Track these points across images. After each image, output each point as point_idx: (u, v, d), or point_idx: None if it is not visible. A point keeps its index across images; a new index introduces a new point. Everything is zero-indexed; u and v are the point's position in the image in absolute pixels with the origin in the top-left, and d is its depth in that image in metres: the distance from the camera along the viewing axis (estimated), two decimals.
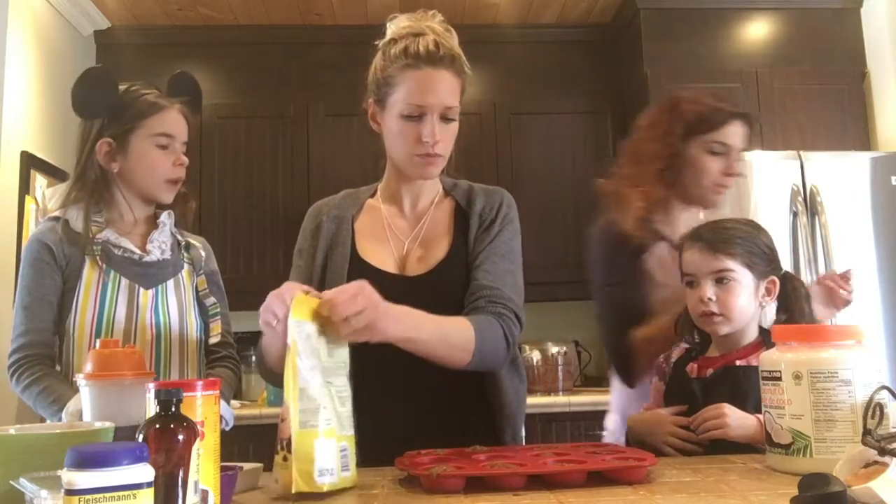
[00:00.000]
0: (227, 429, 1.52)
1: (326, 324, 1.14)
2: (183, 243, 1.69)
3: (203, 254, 1.70)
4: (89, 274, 1.55)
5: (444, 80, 1.39)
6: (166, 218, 1.67)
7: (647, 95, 3.44)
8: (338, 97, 3.72)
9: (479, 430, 1.42)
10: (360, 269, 1.45)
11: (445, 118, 1.41)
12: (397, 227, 1.51)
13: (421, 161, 1.42)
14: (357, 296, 1.15)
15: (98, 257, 1.56)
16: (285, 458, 1.07)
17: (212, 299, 1.67)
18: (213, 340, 1.68)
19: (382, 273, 1.45)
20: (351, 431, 1.15)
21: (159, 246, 1.63)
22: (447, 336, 1.32)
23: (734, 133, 1.73)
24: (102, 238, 1.58)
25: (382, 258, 1.48)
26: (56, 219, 1.60)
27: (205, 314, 1.67)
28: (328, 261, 1.49)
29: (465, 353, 1.33)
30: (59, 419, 1.42)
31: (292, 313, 1.11)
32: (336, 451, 1.10)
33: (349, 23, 3.82)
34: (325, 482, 1.07)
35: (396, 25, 1.46)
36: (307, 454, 1.06)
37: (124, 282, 1.56)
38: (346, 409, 1.15)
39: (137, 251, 1.60)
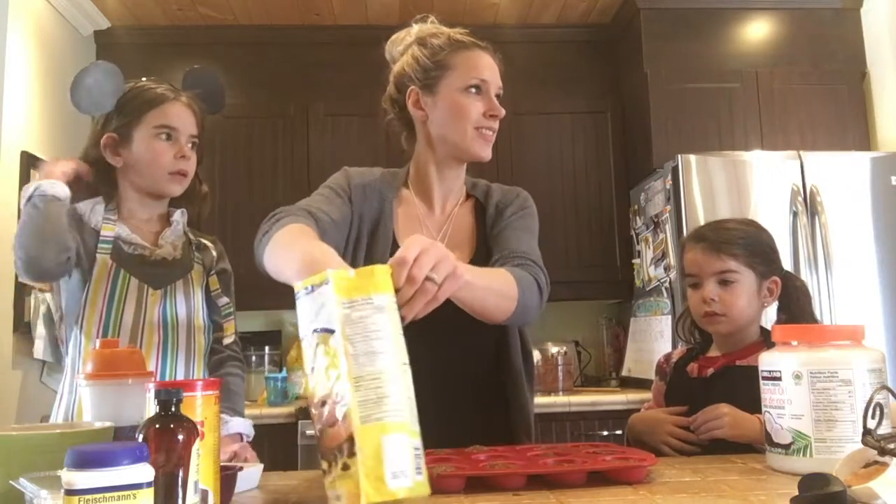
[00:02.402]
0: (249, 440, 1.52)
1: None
2: (195, 243, 1.68)
3: (214, 254, 1.69)
4: (100, 272, 1.54)
5: (495, 63, 1.50)
6: (179, 216, 1.66)
7: (647, 95, 3.44)
8: (338, 97, 3.72)
9: (498, 429, 1.44)
10: None
11: (497, 97, 1.48)
12: (429, 223, 1.53)
13: (484, 136, 1.46)
14: (426, 250, 1.05)
15: (109, 255, 1.55)
16: (346, 467, 0.87)
17: (224, 299, 1.66)
18: (227, 340, 1.68)
19: None
20: (418, 427, 0.92)
21: (172, 244, 1.62)
22: (493, 280, 1.30)
23: None
24: (114, 234, 1.57)
25: None
26: (71, 209, 1.57)
27: (217, 314, 1.66)
28: (371, 239, 1.47)
29: (510, 300, 1.30)
30: (42, 198, 1.42)
31: (337, 291, 0.91)
32: (409, 449, 0.89)
33: (349, 23, 3.82)
34: (400, 486, 0.87)
35: (420, 28, 1.55)
36: (375, 454, 0.86)
37: (133, 282, 1.55)
38: (413, 398, 0.93)
39: (149, 246, 1.59)
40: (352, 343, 0.90)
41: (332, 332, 0.91)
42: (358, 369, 0.89)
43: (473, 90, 1.46)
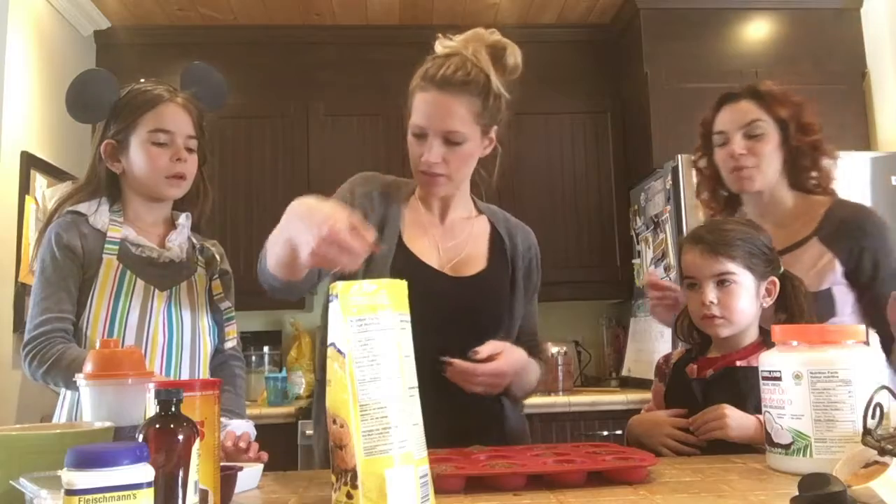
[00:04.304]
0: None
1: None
2: (198, 246, 1.68)
3: (218, 257, 1.69)
4: (105, 273, 1.53)
5: (448, 104, 1.41)
6: (184, 220, 1.66)
7: (647, 95, 3.44)
8: (338, 97, 3.72)
9: (494, 429, 1.50)
10: (405, 258, 1.47)
11: (450, 141, 1.43)
12: (434, 230, 1.55)
13: (422, 178, 1.47)
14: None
15: (116, 257, 1.55)
16: (349, 496, 0.87)
17: (227, 303, 1.66)
18: (229, 344, 1.68)
19: (427, 267, 1.47)
20: (426, 452, 0.93)
21: (179, 245, 1.62)
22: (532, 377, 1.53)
23: (728, 117, 1.74)
24: (121, 236, 1.57)
25: (426, 253, 1.51)
26: (75, 212, 1.58)
27: (219, 317, 1.66)
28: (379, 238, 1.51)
29: (530, 391, 1.56)
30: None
31: (344, 309, 0.90)
32: (415, 481, 0.88)
33: (349, 23, 3.82)
34: None
35: (442, 44, 1.48)
36: (378, 489, 0.86)
37: (139, 283, 1.55)
38: (420, 424, 0.93)
39: (157, 248, 1.59)
40: (359, 367, 0.88)
41: (342, 353, 0.89)
42: (364, 396, 0.88)
43: (417, 135, 1.45)
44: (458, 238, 1.55)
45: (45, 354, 1.45)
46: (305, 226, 1.10)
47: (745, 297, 1.45)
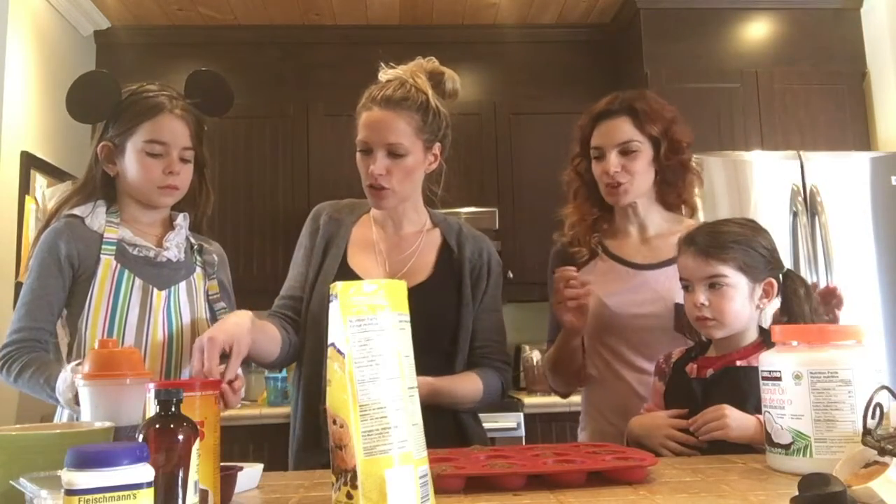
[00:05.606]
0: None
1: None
2: (196, 246, 1.68)
3: (216, 258, 1.69)
4: (103, 273, 1.53)
5: (390, 119, 1.51)
6: (182, 220, 1.66)
7: None
8: (338, 97, 3.71)
9: (447, 426, 1.57)
10: (346, 278, 1.52)
11: (394, 154, 1.51)
12: (384, 245, 1.63)
13: (370, 192, 1.55)
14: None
15: (113, 256, 1.55)
16: (349, 496, 0.87)
17: (221, 304, 1.66)
18: None
19: None
20: (425, 452, 0.93)
21: (177, 245, 1.62)
22: (461, 390, 1.56)
23: (604, 133, 1.74)
24: (118, 237, 1.57)
25: (369, 271, 1.58)
26: (71, 216, 1.58)
27: (214, 318, 1.65)
28: (322, 262, 1.60)
29: (472, 403, 1.59)
30: (56, 400, 1.41)
31: (344, 310, 0.90)
32: (415, 481, 0.88)
33: (349, 23, 3.82)
34: None
35: (385, 72, 1.58)
36: (378, 489, 0.86)
37: (138, 282, 1.55)
38: (420, 424, 0.93)
39: (154, 248, 1.59)
40: (358, 367, 0.89)
41: (342, 353, 0.90)
42: (363, 396, 0.88)
43: (363, 151, 1.53)
44: (405, 251, 1.61)
45: (12, 365, 1.48)
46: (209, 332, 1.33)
47: (737, 300, 1.44)
